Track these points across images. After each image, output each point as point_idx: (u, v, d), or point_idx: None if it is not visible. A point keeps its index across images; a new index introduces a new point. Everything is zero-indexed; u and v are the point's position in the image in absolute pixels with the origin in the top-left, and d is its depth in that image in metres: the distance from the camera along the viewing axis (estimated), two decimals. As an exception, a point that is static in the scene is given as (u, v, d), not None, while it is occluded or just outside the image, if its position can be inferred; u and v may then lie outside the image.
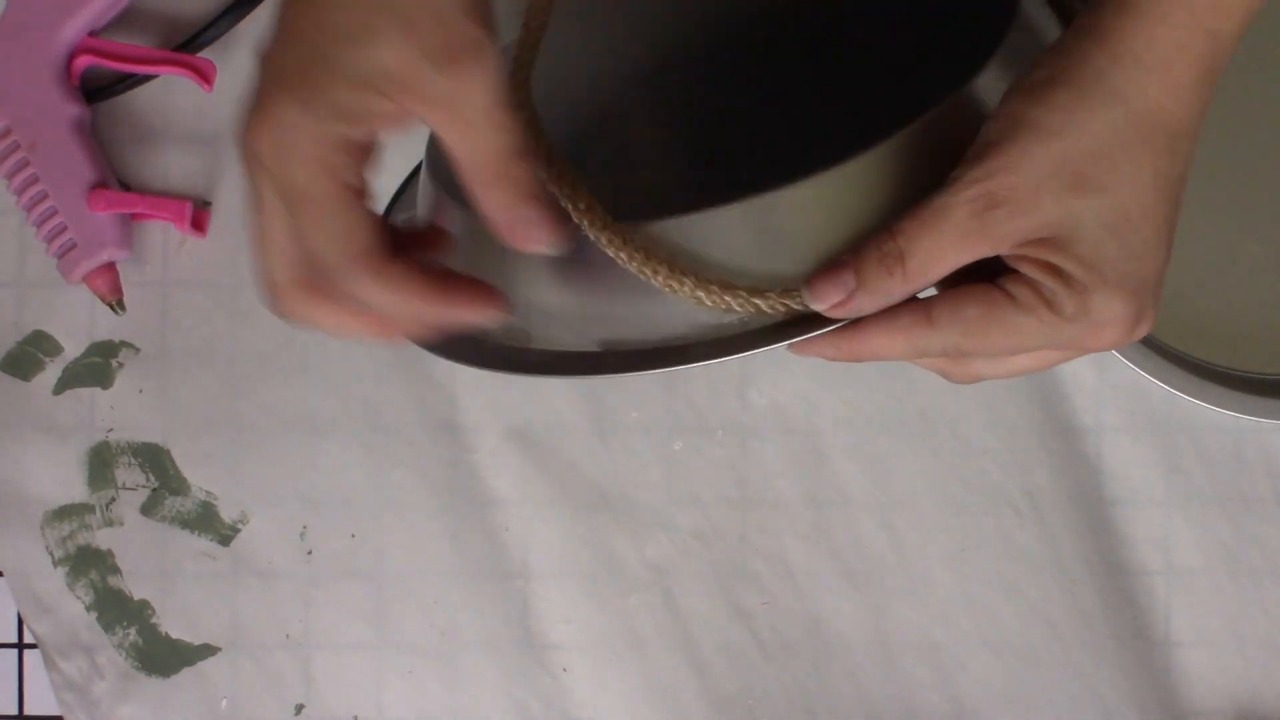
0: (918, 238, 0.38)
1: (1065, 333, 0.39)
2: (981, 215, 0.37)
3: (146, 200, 0.60)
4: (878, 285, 0.38)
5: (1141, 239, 0.38)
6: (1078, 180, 0.37)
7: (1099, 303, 0.38)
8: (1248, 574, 0.61)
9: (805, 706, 0.61)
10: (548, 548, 0.62)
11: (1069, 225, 0.38)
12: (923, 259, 0.38)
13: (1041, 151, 0.37)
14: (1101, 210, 0.38)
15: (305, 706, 0.62)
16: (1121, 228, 0.38)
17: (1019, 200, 0.37)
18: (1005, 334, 0.39)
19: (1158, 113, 0.38)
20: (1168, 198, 0.39)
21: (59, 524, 0.62)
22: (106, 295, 0.60)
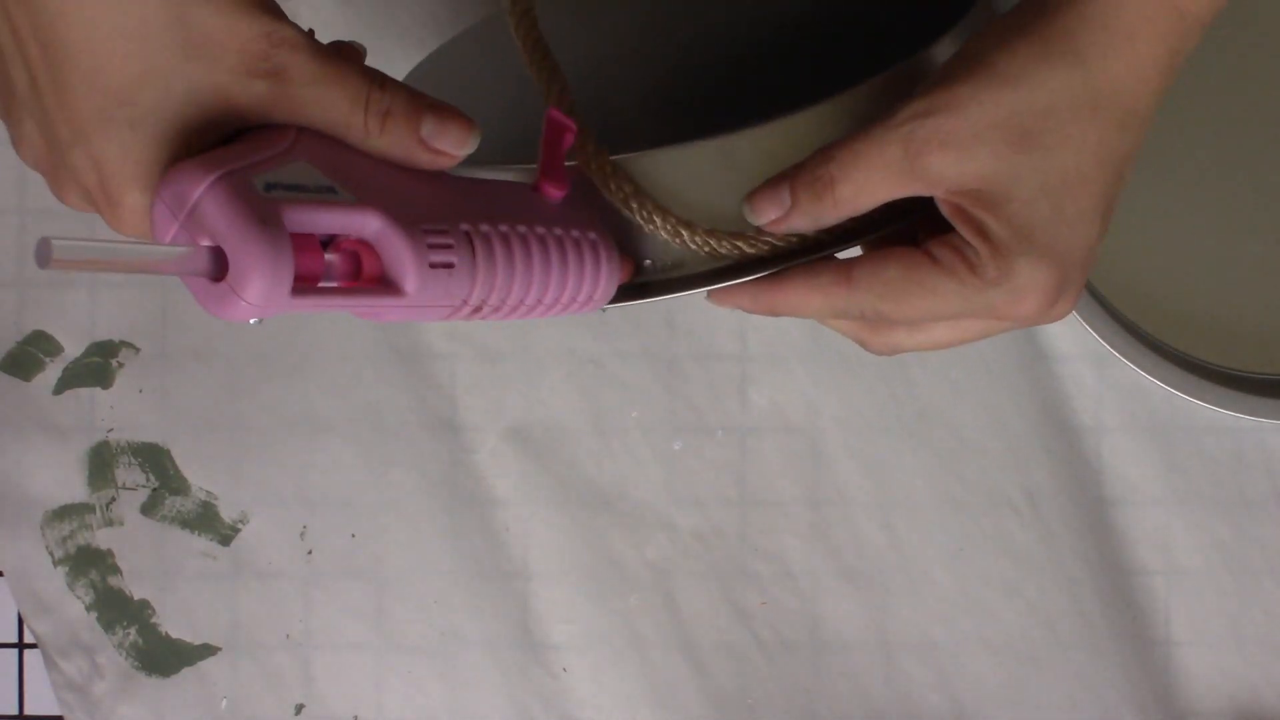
0: (850, 165, 0.37)
1: (984, 297, 0.38)
2: (916, 155, 0.37)
3: None
4: (808, 207, 0.38)
5: (1077, 208, 0.38)
6: (1023, 135, 0.37)
7: (1022, 268, 0.37)
8: (1248, 574, 0.61)
9: (805, 706, 0.61)
10: (548, 548, 0.62)
11: (1004, 181, 0.37)
12: (853, 189, 0.38)
13: (990, 97, 0.37)
14: (1040, 170, 0.37)
15: (305, 706, 0.62)
16: (1058, 192, 0.37)
17: (956, 144, 0.37)
18: (923, 296, 0.39)
19: (1115, 84, 0.37)
20: (1109, 172, 0.38)
21: (59, 524, 0.62)
22: None
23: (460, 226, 0.36)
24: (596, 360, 0.62)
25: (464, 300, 0.37)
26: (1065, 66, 0.37)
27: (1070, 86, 0.37)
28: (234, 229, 0.32)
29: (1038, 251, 0.37)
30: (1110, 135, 0.37)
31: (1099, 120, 0.37)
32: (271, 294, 0.32)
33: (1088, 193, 0.38)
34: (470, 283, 0.36)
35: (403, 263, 0.35)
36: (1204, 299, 0.59)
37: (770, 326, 0.61)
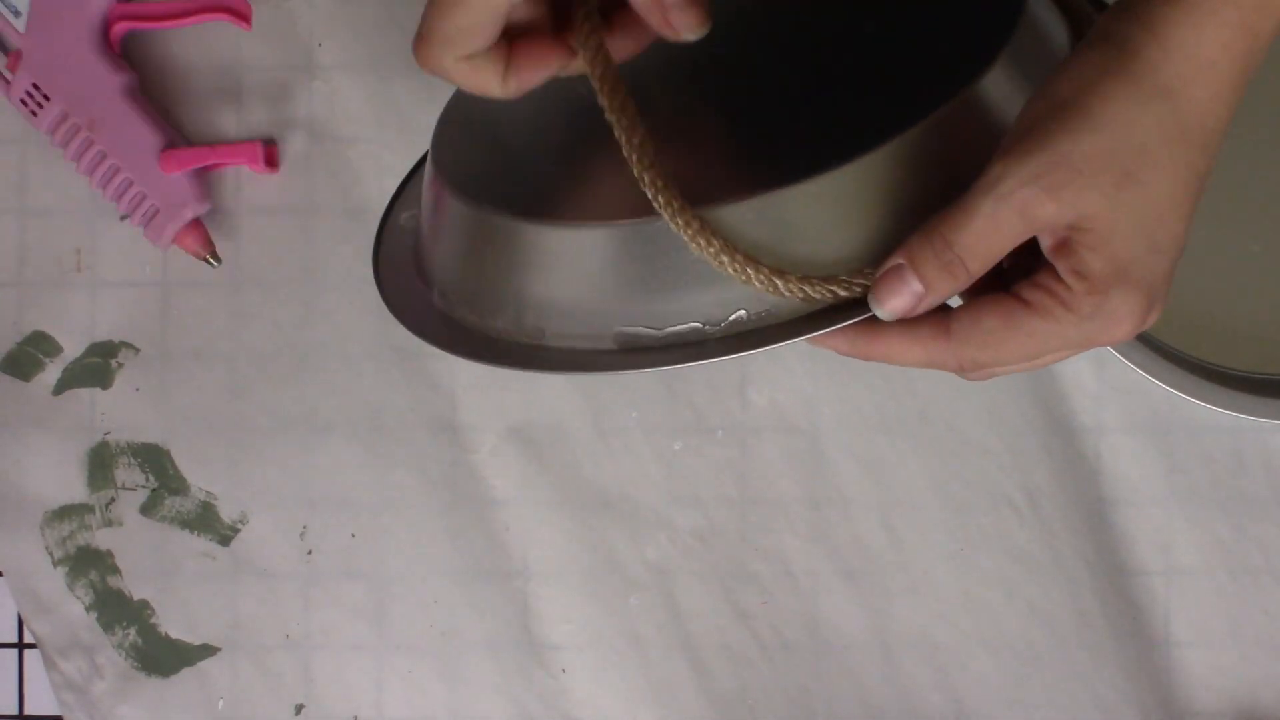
0: (974, 244, 0.38)
1: (1082, 330, 0.39)
2: (1032, 213, 0.38)
3: (217, 150, 0.60)
4: (944, 288, 0.39)
5: (1168, 234, 0.39)
6: (1124, 174, 0.38)
7: (1116, 299, 0.39)
8: (1248, 574, 0.61)
9: (805, 706, 0.61)
10: (548, 548, 0.62)
11: (1107, 218, 0.38)
12: (982, 260, 0.39)
13: (1091, 144, 0.38)
14: (1139, 205, 0.38)
15: (305, 706, 0.62)
16: (1153, 223, 0.38)
17: (1067, 192, 0.38)
18: (1021, 342, 0.40)
19: (1200, 111, 0.38)
20: (1195, 192, 0.39)
21: (59, 524, 0.62)
22: (200, 251, 0.61)
23: None
24: (596, 360, 0.62)
25: None
26: (1157, 103, 0.38)
27: (1162, 122, 0.38)
28: None
29: (1131, 282, 0.39)
30: (1196, 158, 0.39)
31: (1187, 146, 0.38)
32: None
33: (1177, 217, 0.39)
34: None
35: None
36: (1204, 299, 0.59)
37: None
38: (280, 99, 0.62)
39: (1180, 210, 0.39)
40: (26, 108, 0.60)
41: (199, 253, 0.61)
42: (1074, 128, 0.38)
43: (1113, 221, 0.38)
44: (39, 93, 0.59)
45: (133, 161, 0.59)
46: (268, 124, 0.62)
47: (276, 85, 0.62)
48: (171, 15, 0.60)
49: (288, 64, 0.62)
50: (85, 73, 0.59)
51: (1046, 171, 0.38)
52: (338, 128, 0.62)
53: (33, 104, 0.60)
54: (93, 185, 0.60)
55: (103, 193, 0.60)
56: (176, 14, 0.60)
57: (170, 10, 0.60)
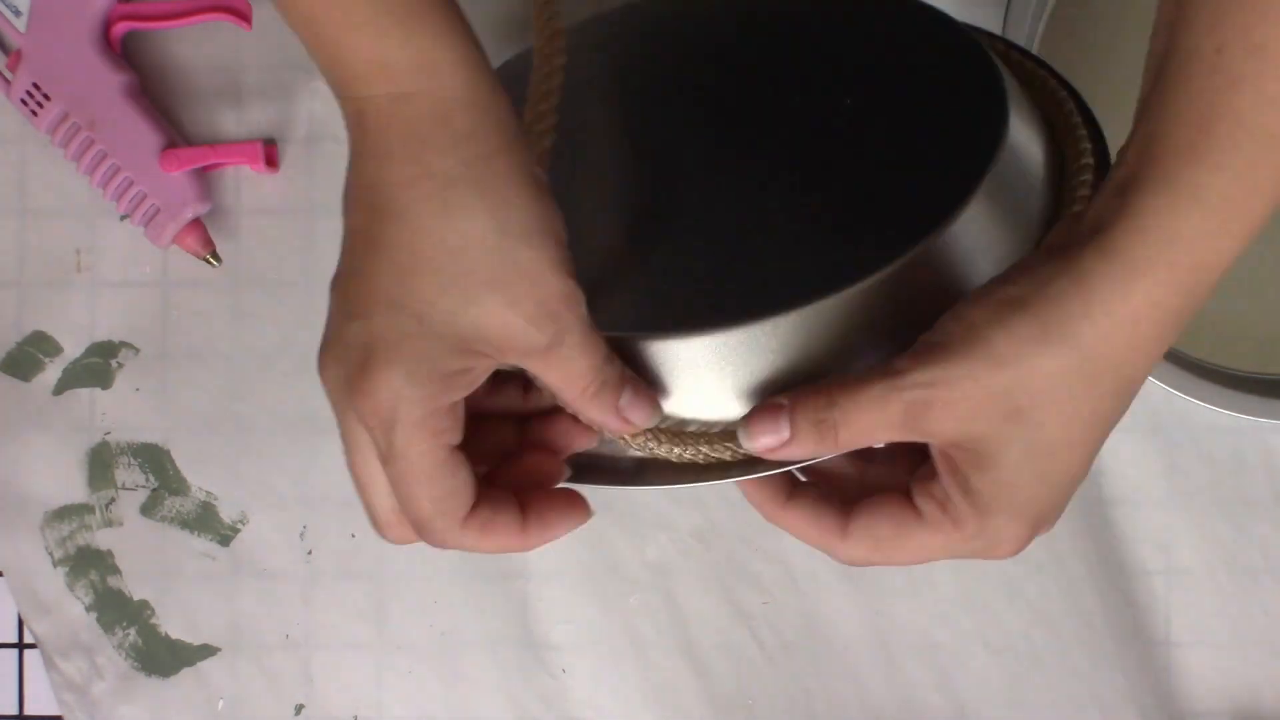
0: (853, 415, 0.39)
1: (965, 548, 0.40)
2: (916, 416, 0.38)
3: (217, 150, 0.60)
4: (808, 444, 0.39)
5: (1060, 469, 0.39)
6: (1015, 411, 0.37)
7: (1001, 525, 0.39)
8: (1248, 574, 0.61)
9: (805, 706, 0.61)
10: (548, 548, 0.61)
11: (994, 447, 0.38)
12: (853, 434, 0.39)
13: (988, 377, 0.37)
14: (1028, 440, 0.38)
15: (305, 706, 0.62)
16: (1044, 459, 0.38)
17: (953, 414, 0.38)
18: (910, 550, 0.41)
19: (1114, 363, 0.38)
20: (1097, 432, 0.39)
21: (59, 524, 0.62)
22: (200, 251, 0.61)
23: None
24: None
25: None
26: (1064, 351, 0.37)
27: (1067, 370, 0.37)
28: None
29: (1015, 510, 0.39)
30: (1103, 405, 0.38)
31: (1093, 393, 0.38)
32: None
33: (1074, 456, 0.39)
34: None
35: None
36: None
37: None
38: (280, 99, 0.62)
39: (1077, 450, 0.39)
40: (27, 107, 0.60)
41: (199, 252, 0.61)
42: (973, 357, 0.37)
43: (998, 450, 0.38)
44: (39, 92, 0.60)
45: (133, 161, 0.60)
46: (267, 124, 0.62)
47: (276, 85, 0.62)
48: (172, 15, 0.60)
49: (288, 63, 0.62)
50: (85, 72, 0.59)
51: (943, 388, 0.37)
52: (338, 128, 0.62)
53: (33, 104, 0.60)
54: (93, 185, 0.60)
55: (103, 192, 0.60)
56: (177, 14, 0.60)
57: (170, 10, 0.60)
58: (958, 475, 0.39)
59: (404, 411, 0.37)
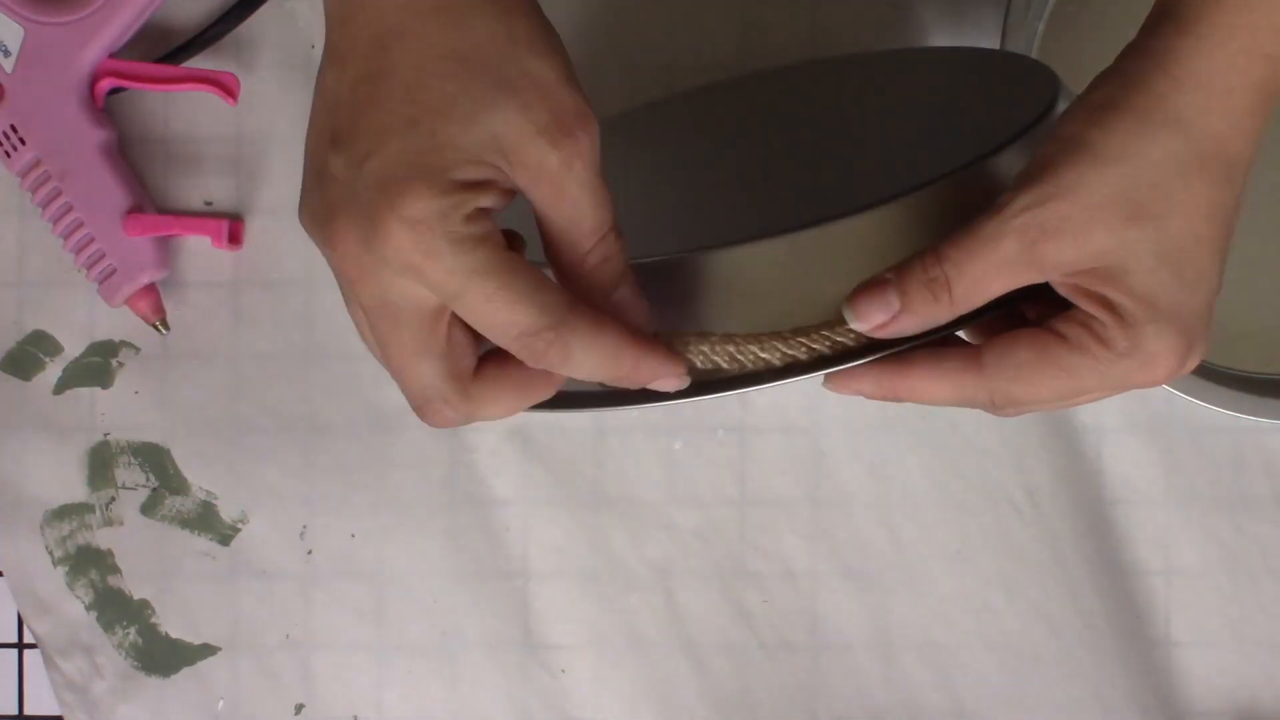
0: (965, 264, 0.37)
1: (1118, 370, 0.38)
2: (1032, 245, 0.36)
3: (182, 221, 0.60)
4: (922, 309, 0.38)
5: (1195, 268, 0.37)
6: (1134, 209, 0.36)
7: (1151, 336, 0.37)
8: (1248, 574, 0.61)
9: (805, 706, 0.61)
10: (548, 548, 0.62)
11: (1122, 255, 0.37)
12: (969, 286, 0.37)
13: (1097, 178, 0.36)
14: (1156, 240, 0.37)
15: (305, 706, 0.62)
16: (1175, 258, 0.37)
17: (1072, 230, 0.36)
18: (1057, 376, 0.38)
19: (1217, 140, 0.37)
20: (1222, 226, 0.38)
21: (59, 524, 0.62)
22: (150, 316, 0.61)
23: None
24: (597, 360, 0.62)
25: None
26: (1167, 135, 0.36)
27: (1175, 154, 0.36)
28: None
29: (1164, 318, 0.37)
30: (1218, 191, 0.37)
31: (1206, 179, 0.37)
32: None
33: (1204, 252, 0.37)
34: None
35: None
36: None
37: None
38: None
39: (1205, 246, 0.37)
40: (1, 148, 0.59)
41: (149, 317, 0.61)
42: (1079, 162, 0.37)
43: (1126, 257, 0.37)
44: (15, 135, 0.59)
45: (97, 219, 0.59)
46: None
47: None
48: (159, 79, 0.60)
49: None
50: (65, 123, 0.59)
51: (1054, 204, 0.36)
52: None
53: (8, 145, 0.59)
54: (54, 233, 0.60)
55: (63, 243, 0.60)
56: (164, 78, 0.60)
57: (158, 74, 0.60)
58: (1094, 298, 0.37)
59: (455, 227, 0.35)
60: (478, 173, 0.36)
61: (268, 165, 0.62)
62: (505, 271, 0.36)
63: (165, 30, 0.61)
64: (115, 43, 0.60)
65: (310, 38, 0.62)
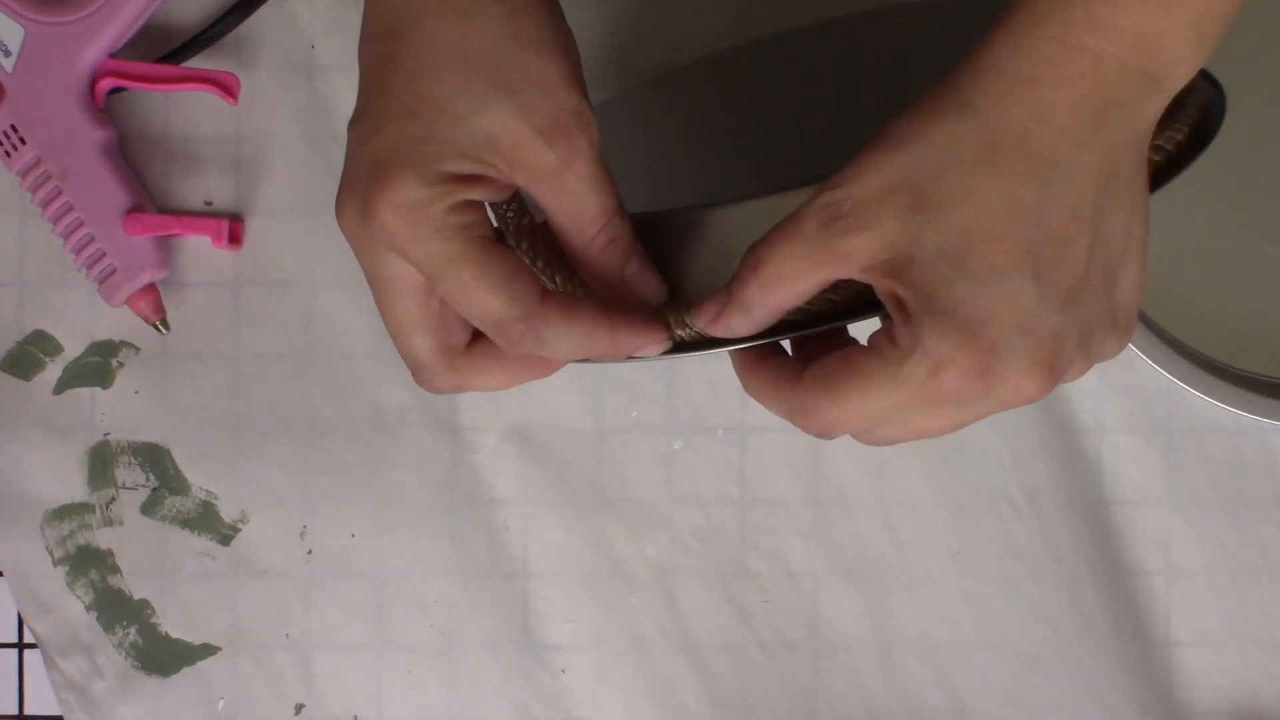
0: (772, 246, 0.37)
1: (904, 371, 0.36)
2: (827, 226, 0.36)
3: (182, 221, 0.60)
4: (737, 295, 0.38)
5: (986, 266, 0.35)
6: (920, 197, 0.35)
7: (929, 333, 0.35)
8: (1248, 574, 0.61)
9: (806, 706, 0.61)
10: (548, 548, 0.62)
11: (908, 245, 0.35)
12: (776, 269, 0.37)
13: (886, 162, 0.35)
14: (938, 229, 0.35)
15: (305, 706, 0.62)
16: (959, 251, 0.35)
17: (861, 213, 0.35)
18: (857, 385, 0.37)
19: (1016, 132, 0.35)
20: (1027, 226, 0.35)
21: (59, 523, 0.62)
22: (150, 316, 0.61)
23: None
24: (597, 360, 0.62)
25: None
26: (953, 119, 0.35)
27: (960, 139, 0.35)
28: None
29: (941, 314, 0.35)
30: (1020, 187, 0.35)
31: (1001, 171, 0.35)
32: None
33: (998, 249, 0.35)
34: None
35: None
36: (1214, 298, 0.59)
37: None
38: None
39: (1002, 242, 0.35)
40: (1, 148, 0.59)
41: (149, 317, 0.61)
42: (874, 148, 0.36)
43: (910, 246, 0.35)
44: (16, 135, 0.59)
45: (97, 218, 0.59)
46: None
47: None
48: (159, 79, 0.60)
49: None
50: (65, 123, 0.59)
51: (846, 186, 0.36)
52: (336, 127, 0.62)
53: (8, 145, 0.59)
54: (54, 233, 0.60)
55: (63, 243, 0.60)
56: (164, 78, 0.60)
57: (158, 74, 0.60)
58: (888, 294, 0.36)
59: (433, 213, 0.37)
60: (468, 167, 0.37)
61: (268, 165, 0.62)
62: (481, 261, 0.37)
63: (165, 30, 0.61)
64: (115, 43, 0.60)
65: (310, 38, 0.62)
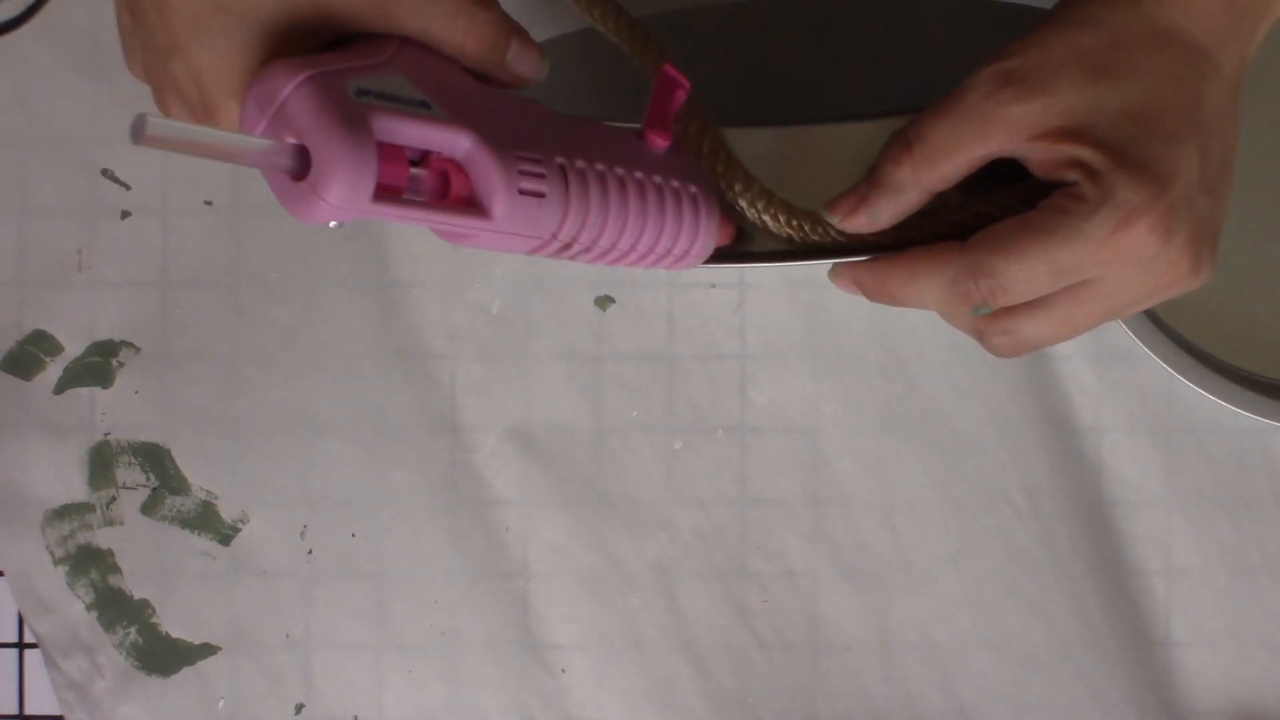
0: (929, 123, 0.38)
1: (1094, 224, 0.37)
2: (995, 94, 0.37)
3: None
4: (886, 177, 0.38)
5: (1165, 129, 0.38)
6: (1097, 67, 0.37)
7: (1122, 183, 0.37)
8: (1248, 574, 0.61)
9: (805, 706, 0.61)
10: (548, 548, 0.62)
11: (1086, 111, 0.37)
12: (932, 144, 0.38)
13: (1059, 38, 0.38)
14: (1119, 95, 0.37)
15: (305, 706, 0.62)
16: (1141, 114, 0.37)
17: (1034, 79, 0.37)
18: (1038, 240, 0.38)
19: (1172, 23, 0.38)
20: (1190, 101, 0.38)
21: (59, 523, 0.62)
22: None
23: (555, 159, 0.36)
24: (596, 360, 0.62)
25: (553, 234, 0.36)
26: (1126, 8, 0.38)
27: (1130, 22, 0.38)
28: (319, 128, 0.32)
29: (1133, 166, 0.37)
30: (1181, 70, 0.38)
31: (1166, 53, 0.38)
32: (352, 196, 0.32)
33: (1172, 118, 0.38)
34: (561, 216, 0.36)
35: (492, 186, 0.35)
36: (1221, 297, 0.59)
37: (770, 325, 0.61)
38: None
39: (1174, 112, 0.38)
40: None
41: None
42: (1045, 27, 0.38)
43: (1090, 111, 0.37)
44: None
45: None
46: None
47: None
48: None
49: None
50: None
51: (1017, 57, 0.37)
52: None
53: None
54: None
55: None
56: None
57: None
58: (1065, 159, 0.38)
59: None
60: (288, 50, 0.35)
61: None
62: None
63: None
64: None
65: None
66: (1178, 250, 0.38)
